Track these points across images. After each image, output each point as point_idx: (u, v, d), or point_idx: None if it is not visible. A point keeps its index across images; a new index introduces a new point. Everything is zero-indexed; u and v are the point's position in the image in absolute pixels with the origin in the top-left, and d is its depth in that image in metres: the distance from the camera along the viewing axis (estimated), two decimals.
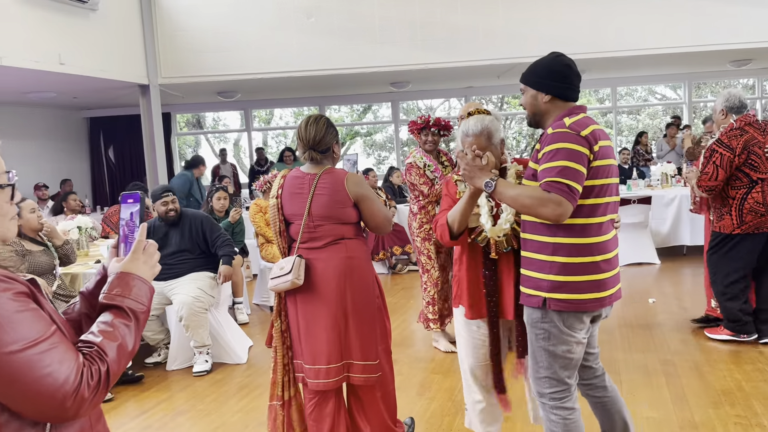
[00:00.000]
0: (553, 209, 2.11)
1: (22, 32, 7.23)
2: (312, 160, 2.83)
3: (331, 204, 2.75)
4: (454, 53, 9.59)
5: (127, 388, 4.31)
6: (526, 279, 2.32)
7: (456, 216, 2.43)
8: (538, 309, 2.26)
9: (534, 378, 2.37)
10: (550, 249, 2.23)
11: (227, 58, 9.44)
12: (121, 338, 1.27)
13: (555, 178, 2.12)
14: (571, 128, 2.20)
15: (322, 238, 2.79)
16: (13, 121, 11.08)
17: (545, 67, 2.29)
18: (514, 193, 2.21)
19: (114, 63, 8.70)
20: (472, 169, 2.28)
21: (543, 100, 2.30)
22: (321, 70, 9.51)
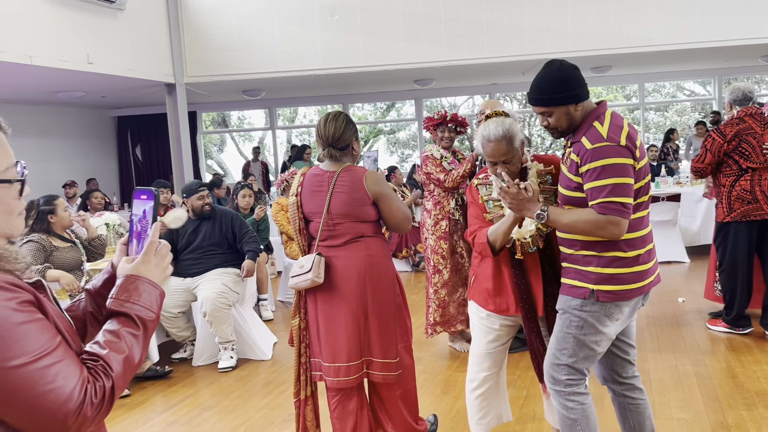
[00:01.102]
0: (611, 231, 2.18)
1: (50, 32, 7.34)
2: (331, 158, 2.82)
3: (350, 202, 2.74)
4: (479, 50, 9.52)
5: (154, 384, 4.35)
6: (569, 271, 2.35)
7: (498, 236, 2.42)
8: (579, 299, 2.29)
9: (551, 364, 2.38)
10: (599, 247, 2.27)
11: (252, 56, 9.50)
12: (127, 350, 1.20)
13: (608, 198, 2.15)
14: (610, 139, 2.19)
15: (341, 236, 2.79)
16: (43, 120, 11.29)
17: (562, 80, 2.23)
18: (569, 221, 2.24)
19: (141, 62, 8.80)
20: (520, 203, 2.27)
21: (576, 111, 2.27)
22: (344, 67, 9.51)
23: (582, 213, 2.22)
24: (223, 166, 16.84)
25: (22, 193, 1.21)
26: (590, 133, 2.22)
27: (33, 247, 4.15)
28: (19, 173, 1.22)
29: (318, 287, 2.79)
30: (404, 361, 2.91)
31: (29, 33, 7.04)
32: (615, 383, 2.50)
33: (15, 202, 1.20)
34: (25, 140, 10.98)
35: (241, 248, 4.71)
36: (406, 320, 2.95)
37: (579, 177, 2.25)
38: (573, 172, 2.27)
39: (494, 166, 2.46)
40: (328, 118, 2.81)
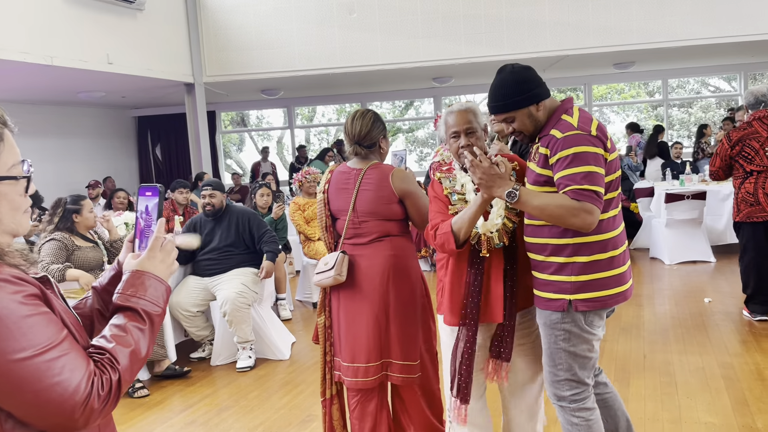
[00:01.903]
0: (584, 218, 2.05)
1: (71, 33, 7.39)
2: (357, 155, 2.80)
3: (376, 200, 2.71)
4: (498, 46, 9.42)
5: (173, 383, 4.34)
6: (543, 283, 2.23)
7: (464, 224, 2.23)
8: (558, 311, 2.20)
9: (552, 382, 2.29)
10: (569, 250, 2.17)
11: (270, 55, 9.49)
12: (134, 344, 1.20)
13: (582, 185, 2.06)
14: (580, 128, 2.14)
15: (366, 235, 2.75)
16: (65, 120, 11.40)
17: (517, 83, 2.17)
18: (541, 203, 2.10)
19: (160, 62, 8.84)
20: (491, 178, 2.11)
21: (538, 111, 2.22)
22: (363, 66, 9.47)
23: (555, 197, 2.10)
24: (242, 165, 16.90)
25: (27, 190, 1.22)
26: (559, 124, 2.17)
27: (55, 245, 4.16)
28: (26, 171, 1.22)
29: (341, 285, 2.76)
30: (426, 363, 2.85)
31: (50, 34, 7.10)
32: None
33: (21, 199, 1.21)
34: (47, 140, 11.10)
35: (259, 249, 4.68)
36: (431, 322, 2.89)
37: (549, 170, 2.17)
38: (542, 165, 2.19)
39: (457, 139, 2.36)
40: (355, 116, 2.79)
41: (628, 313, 5.25)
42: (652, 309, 5.34)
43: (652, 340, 4.51)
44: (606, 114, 17.27)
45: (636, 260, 7.45)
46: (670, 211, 7.05)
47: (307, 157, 12.18)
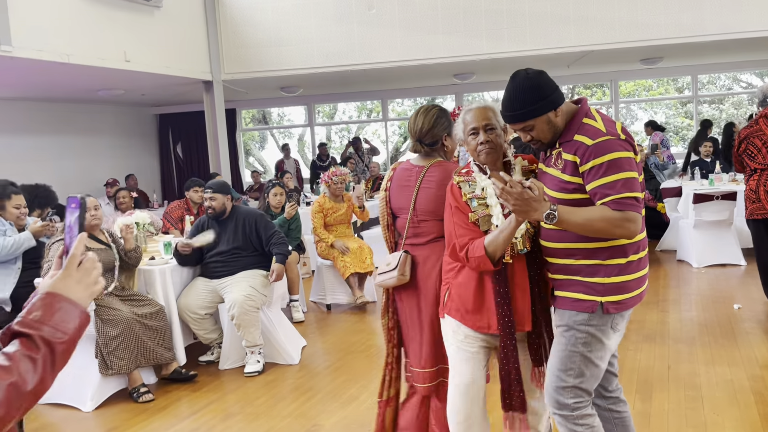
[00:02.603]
0: (628, 228, 2.02)
1: (88, 31, 7.37)
2: (419, 152, 2.72)
3: (437, 199, 2.57)
4: (521, 42, 9.20)
5: (179, 387, 4.25)
6: (570, 283, 2.16)
7: (498, 246, 2.13)
8: (586, 312, 2.12)
9: (555, 387, 2.18)
10: (606, 254, 2.12)
11: (288, 52, 9.40)
12: (17, 375, 1.05)
13: (622, 194, 2.01)
14: (609, 133, 2.07)
15: (425, 234, 2.65)
16: (85, 118, 11.45)
17: (534, 89, 2.08)
18: (583, 220, 2.03)
19: (178, 59, 8.79)
20: (525, 203, 1.97)
21: (557, 117, 2.13)
22: (382, 62, 9.33)
23: (595, 210, 2.03)
24: (263, 163, 16.87)
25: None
26: (585, 129, 2.09)
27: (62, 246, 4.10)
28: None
29: (403, 286, 2.67)
30: None
31: (66, 31, 7.08)
32: (600, 398, 2.34)
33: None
34: (69, 138, 11.16)
35: (268, 251, 4.57)
36: None
37: (578, 177, 2.08)
38: (569, 172, 2.10)
39: (475, 136, 2.27)
40: (419, 112, 2.70)
41: (652, 319, 5.03)
42: (678, 315, 5.11)
43: (677, 350, 4.30)
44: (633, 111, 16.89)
45: (662, 263, 7.19)
46: (698, 212, 6.79)
47: (328, 155, 12.11)
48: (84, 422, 3.82)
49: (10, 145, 10.13)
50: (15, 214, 4.42)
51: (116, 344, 4.01)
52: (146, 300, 4.35)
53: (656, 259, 7.40)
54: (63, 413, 3.96)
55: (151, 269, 4.49)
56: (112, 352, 4.00)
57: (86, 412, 3.93)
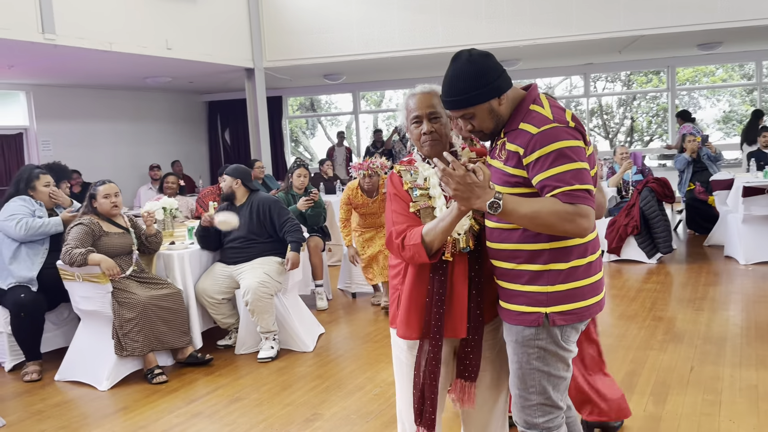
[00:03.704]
0: (579, 224, 1.81)
1: (130, 19, 7.54)
2: None
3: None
4: (567, 27, 8.89)
5: (195, 371, 4.32)
6: (513, 294, 1.96)
7: (436, 236, 1.93)
8: (532, 327, 1.93)
9: (522, 407, 2.00)
10: (545, 256, 1.91)
11: (329, 39, 9.38)
12: None
13: (573, 186, 1.81)
14: (557, 120, 1.87)
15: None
16: (135, 104, 11.78)
17: (476, 73, 1.88)
18: (531, 211, 1.81)
19: (219, 47, 8.90)
20: (468, 188, 1.79)
21: (500, 104, 1.93)
22: (422, 48, 9.19)
23: (545, 202, 1.82)
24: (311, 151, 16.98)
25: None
26: (530, 117, 1.89)
27: (81, 230, 4.20)
28: None
29: None
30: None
31: (109, 20, 7.26)
32: None
33: None
34: (120, 124, 11.52)
35: (283, 237, 4.57)
36: None
37: (522, 170, 1.88)
38: (513, 164, 1.90)
39: (418, 125, 2.07)
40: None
41: (684, 317, 4.78)
42: (712, 314, 4.84)
43: (704, 351, 4.07)
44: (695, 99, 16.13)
45: (708, 259, 6.84)
46: (747, 206, 6.41)
47: (382, 142, 12.08)
48: (97, 401, 3.92)
49: (65, 131, 10.54)
50: (46, 192, 4.56)
51: (131, 327, 4.09)
52: (164, 283, 4.42)
53: (702, 255, 7.05)
54: (80, 391, 4.08)
55: (170, 254, 4.57)
56: (127, 334, 4.09)
57: (101, 390, 4.04)
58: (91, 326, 4.31)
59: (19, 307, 4.29)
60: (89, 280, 4.14)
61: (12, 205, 4.41)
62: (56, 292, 4.40)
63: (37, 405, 3.87)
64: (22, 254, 4.39)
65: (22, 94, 10.12)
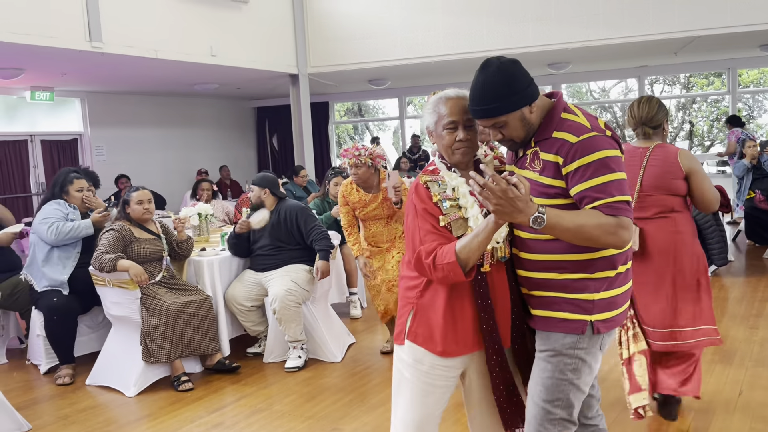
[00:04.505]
0: (621, 236, 1.79)
1: (175, 27, 7.66)
2: (644, 135, 3.09)
3: (662, 175, 2.95)
4: (618, 28, 8.55)
5: (221, 378, 4.29)
6: (555, 302, 1.91)
7: (472, 253, 1.84)
8: (575, 334, 1.88)
9: (542, 420, 1.92)
10: (595, 265, 1.88)
11: (373, 44, 9.32)
12: None
13: (615, 197, 1.79)
14: (594, 128, 1.82)
15: (649, 208, 3.00)
16: (184, 110, 12.02)
17: (507, 81, 1.82)
18: (574, 225, 1.77)
19: (264, 53, 8.97)
20: (510, 203, 1.69)
21: (531, 113, 1.88)
22: (467, 52, 9.02)
23: (588, 215, 1.78)
24: None
25: None
26: (565, 125, 1.84)
27: (112, 236, 4.24)
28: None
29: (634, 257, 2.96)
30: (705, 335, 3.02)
31: (154, 28, 7.39)
32: (580, 426, 2.06)
33: None
34: (170, 129, 11.77)
35: (311, 245, 4.50)
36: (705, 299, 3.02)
37: (560, 180, 1.83)
38: (550, 174, 1.84)
39: (453, 131, 1.98)
40: (641, 101, 3.10)
41: (736, 336, 4.47)
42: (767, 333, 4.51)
43: (755, 374, 3.77)
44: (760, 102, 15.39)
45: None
46: None
47: (420, 147, 11.98)
48: (123, 407, 3.93)
49: (117, 136, 10.83)
50: (78, 197, 4.62)
51: (158, 333, 4.09)
52: (193, 289, 4.42)
53: (762, 268, 6.63)
54: (108, 396, 4.10)
55: (200, 260, 4.56)
56: (155, 340, 4.09)
57: (129, 396, 4.05)
58: (121, 331, 4.34)
59: (52, 311, 4.36)
60: (119, 285, 4.17)
61: (47, 208, 4.49)
62: (90, 295, 4.45)
63: (65, 409, 3.91)
64: (54, 257, 4.46)
65: (77, 101, 10.45)
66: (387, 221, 4.34)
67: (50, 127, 10.20)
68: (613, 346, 2.87)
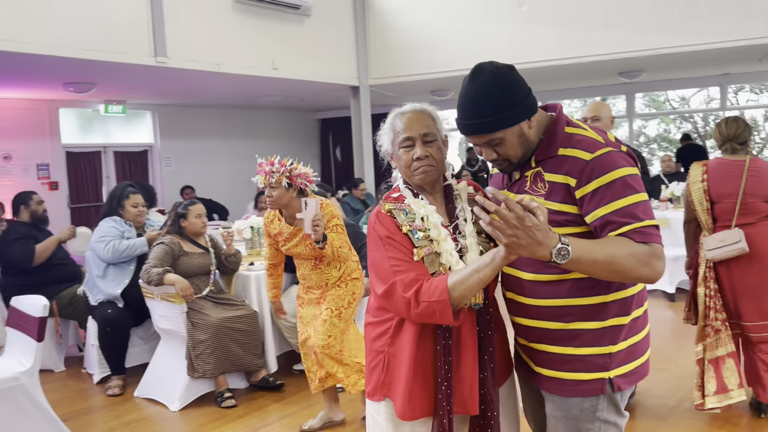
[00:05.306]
0: (655, 266, 1.51)
1: (237, 41, 7.76)
2: (732, 150, 3.42)
3: (762, 184, 3.31)
4: (696, 34, 8.06)
5: (264, 396, 4.23)
6: (566, 360, 1.62)
7: (469, 289, 1.56)
8: (593, 396, 1.61)
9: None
10: (607, 311, 1.59)
11: (435, 55, 9.18)
12: None
13: (644, 222, 1.53)
14: (609, 144, 1.57)
15: (753, 214, 3.32)
16: (249, 122, 12.21)
17: (505, 91, 1.59)
18: (605, 256, 1.47)
19: (325, 66, 8.98)
20: (526, 232, 1.41)
21: (530, 128, 1.62)
22: (531, 62, 8.72)
23: (617, 244, 1.49)
24: None
25: None
26: (573, 141, 1.58)
27: (162, 249, 4.26)
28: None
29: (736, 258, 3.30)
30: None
31: (217, 42, 7.51)
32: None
33: None
34: (235, 141, 11.98)
35: None
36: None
37: (572, 205, 1.56)
38: (559, 198, 1.57)
39: (409, 149, 1.74)
40: (728, 121, 3.44)
41: None
42: None
43: None
44: None
45: None
46: None
47: (477, 159, 11.71)
48: (166, 422, 3.92)
49: (185, 148, 11.12)
50: (134, 213, 4.68)
51: (203, 348, 4.07)
52: (240, 304, 4.38)
53: None
54: (153, 410, 4.11)
55: (248, 274, 4.53)
56: (199, 356, 4.07)
57: (173, 411, 4.04)
58: (168, 344, 4.35)
59: (105, 322, 4.42)
60: (166, 299, 4.18)
61: (104, 226, 4.56)
62: (144, 308, 4.49)
63: (110, 422, 3.94)
64: (110, 273, 4.53)
65: (148, 114, 10.80)
66: (315, 264, 3.47)
67: (123, 139, 10.57)
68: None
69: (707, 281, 3.35)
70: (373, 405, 1.83)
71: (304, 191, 3.53)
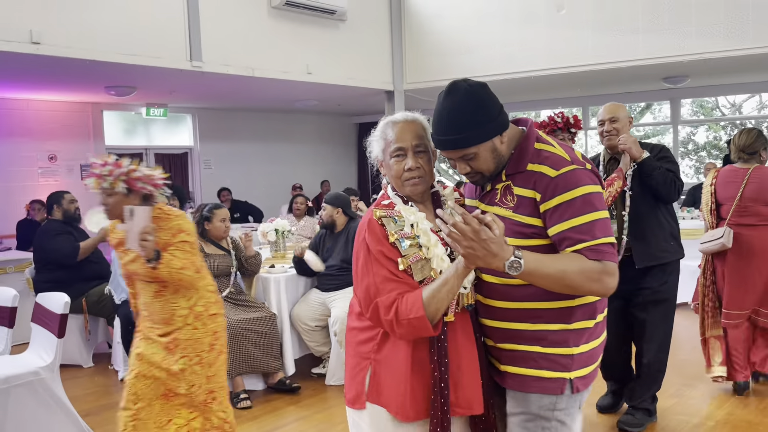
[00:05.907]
0: (606, 284, 1.61)
1: (273, 46, 7.86)
2: (743, 160, 3.83)
3: (760, 190, 3.72)
4: (741, 39, 7.77)
5: (281, 398, 4.25)
6: (531, 357, 1.68)
7: (441, 302, 1.61)
8: (553, 395, 1.66)
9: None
10: (575, 314, 1.69)
11: (471, 59, 9.10)
12: None
13: (599, 240, 1.61)
14: (574, 161, 1.63)
15: (750, 217, 3.74)
16: (286, 126, 12.35)
17: (479, 107, 1.66)
18: (556, 271, 1.57)
19: (360, 70, 9.01)
20: (482, 245, 1.50)
21: (502, 143, 1.70)
22: (570, 66, 8.57)
23: (570, 260, 1.57)
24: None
25: None
26: (541, 157, 1.65)
27: None
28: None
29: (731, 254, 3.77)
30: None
31: (252, 47, 7.62)
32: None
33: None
34: (273, 144, 12.14)
35: None
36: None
37: (537, 218, 1.63)
38: (527, 212, 1.63)
39: (401, 159, 1.76)
40: (742, 132, 3.87)
41: None
42: None
43: None
44: None
45: None
46: None
47: None
48: None
49: (223, 151, 11.32)
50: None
51: None
52: (259, 306, 4.42)
53: None
54: None
55: (268, 277, 4.57)
56: None
57: None
58: None
59: (128, 320, 4.51)
60: None
61: None
62: None
63: None
64: None
65: (188, 117, 11.04)
66: (158, 289, 2.75)
67: (164, 141, 10.83)
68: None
69: (705, 272, 3.94)
70: (355, 413, 1.83)
71: (150, 198, 2.79)
